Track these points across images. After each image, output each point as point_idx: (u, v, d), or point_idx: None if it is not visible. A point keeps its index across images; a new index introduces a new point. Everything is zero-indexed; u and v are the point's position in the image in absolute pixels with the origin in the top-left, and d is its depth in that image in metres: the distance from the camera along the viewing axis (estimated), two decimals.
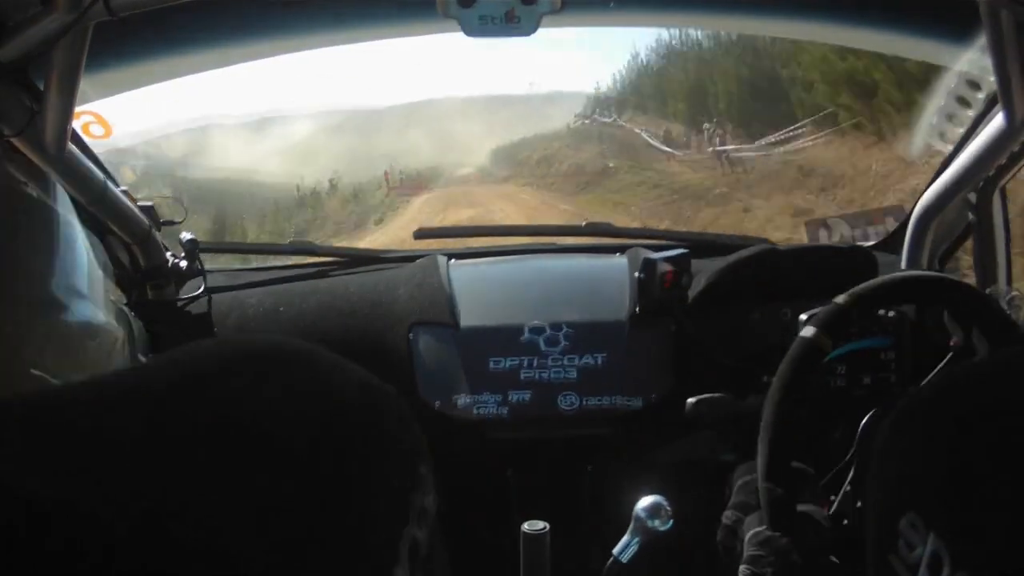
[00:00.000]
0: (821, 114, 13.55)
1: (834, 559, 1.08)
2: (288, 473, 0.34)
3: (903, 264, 1.72)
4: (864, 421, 1.21)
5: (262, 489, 0.33)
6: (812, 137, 13.62)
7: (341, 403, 0.40)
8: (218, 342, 0.49)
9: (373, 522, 0.38)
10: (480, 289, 1.77)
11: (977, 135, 1.48)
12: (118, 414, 0.32)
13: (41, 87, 1.33)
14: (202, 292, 1.75)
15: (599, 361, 1.57)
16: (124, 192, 1.64)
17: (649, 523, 1.20)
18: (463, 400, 1.53)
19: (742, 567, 1.06)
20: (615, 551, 1.22)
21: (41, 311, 1.16)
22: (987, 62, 1.32)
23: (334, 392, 0.40)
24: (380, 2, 1.59)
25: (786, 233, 10.25)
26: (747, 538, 1.08)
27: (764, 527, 1.06)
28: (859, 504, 1.15)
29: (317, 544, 0.33)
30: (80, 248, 1.28)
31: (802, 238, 2.87)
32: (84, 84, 1.34)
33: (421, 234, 2.01)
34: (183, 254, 1.80)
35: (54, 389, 0.34)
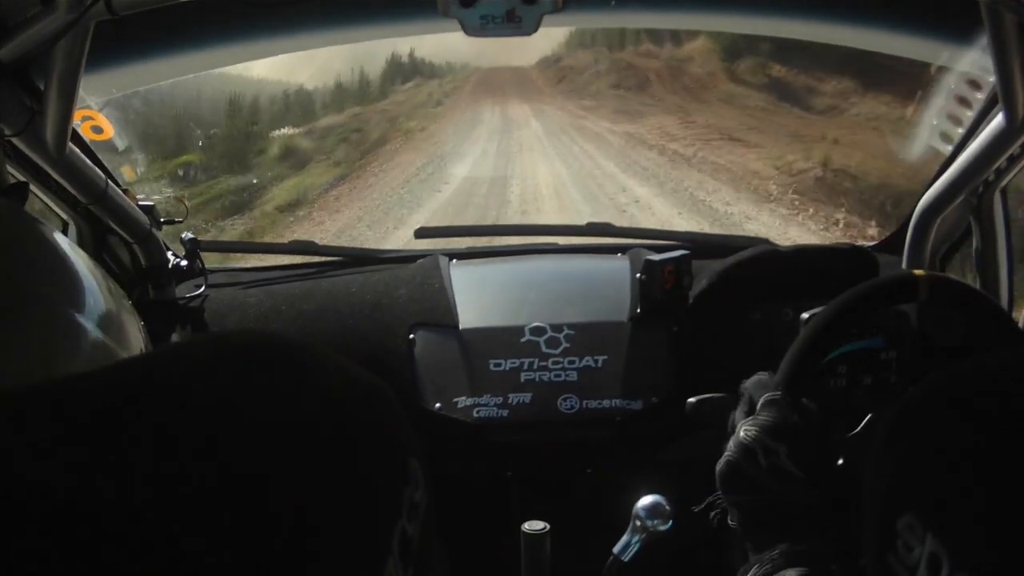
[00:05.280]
0: None
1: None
2: (278, 466, 0.34)
3: (904, 265, 1.71)
4: (864, 422, 1.21)
5: (250, 481, 0.33)
6: None
7: (330, 396, 0.40)
8: (204, 336, 0.49)
9: (364, 515, 0.38)
10: (481, 290, 1.77)
11: (978, 136, 1.48)
12: (103, 407, 0.32)
13: (41, 87, 1.33)
14: (202, 291, 1.76)
15: (599, 363, 1.57)
16: (124, 191, 1.65)
17: (649, 523, 1.20)
18: (463, 402, 1.53)
19: (747, 430, 0.96)
20: (615, 551, 1.22)
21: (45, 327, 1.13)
22: (988, 62, 1.32)
23: (322, 385, 0.40)
24: (381, 1, 1.59)
25: None
26: (759, 403, 1.00)
27: (779, 393, 1.00)
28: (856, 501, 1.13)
29: (308, 536, 0.33)
30: (80, 264, 1.25)
31: None
32: (84, 84, 1.34)
33: (421, 233, 2.01)
34: (184, 253, 1.80)
35: (33, 384, 0.34)
